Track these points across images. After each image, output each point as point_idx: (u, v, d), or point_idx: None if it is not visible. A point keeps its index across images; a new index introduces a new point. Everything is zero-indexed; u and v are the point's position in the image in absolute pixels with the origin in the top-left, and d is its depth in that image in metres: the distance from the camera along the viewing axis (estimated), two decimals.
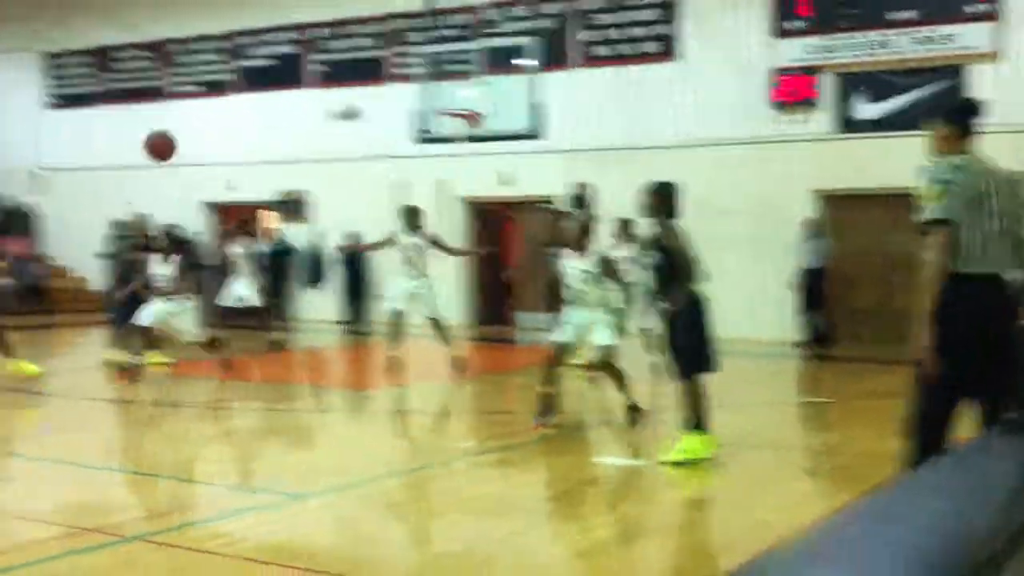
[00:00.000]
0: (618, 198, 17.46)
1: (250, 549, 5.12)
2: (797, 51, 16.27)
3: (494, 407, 10.67)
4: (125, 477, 7.10)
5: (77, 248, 20.68)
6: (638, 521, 5.78)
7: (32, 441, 8.59)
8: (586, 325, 8.29)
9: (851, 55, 15.92)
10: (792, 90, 16.27)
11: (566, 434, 8.58)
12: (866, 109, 15.90)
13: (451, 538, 5.38)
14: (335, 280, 20.02)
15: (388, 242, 12.23)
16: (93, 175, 22.43)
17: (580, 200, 11.71)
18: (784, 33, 16.36)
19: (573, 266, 8.40)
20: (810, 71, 16.18)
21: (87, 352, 14.03)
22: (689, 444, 6.89)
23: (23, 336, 13.47)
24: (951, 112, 4.65)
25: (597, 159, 17.53)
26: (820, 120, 16.16)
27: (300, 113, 20.61)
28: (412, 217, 12.03)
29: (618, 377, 8.37)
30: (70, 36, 23.07)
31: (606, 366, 8.44)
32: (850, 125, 15.91)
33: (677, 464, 6.82)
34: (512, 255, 19.87)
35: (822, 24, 16.09)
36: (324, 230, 20.22)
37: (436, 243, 12.15)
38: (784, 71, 16.31)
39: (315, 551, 5.16)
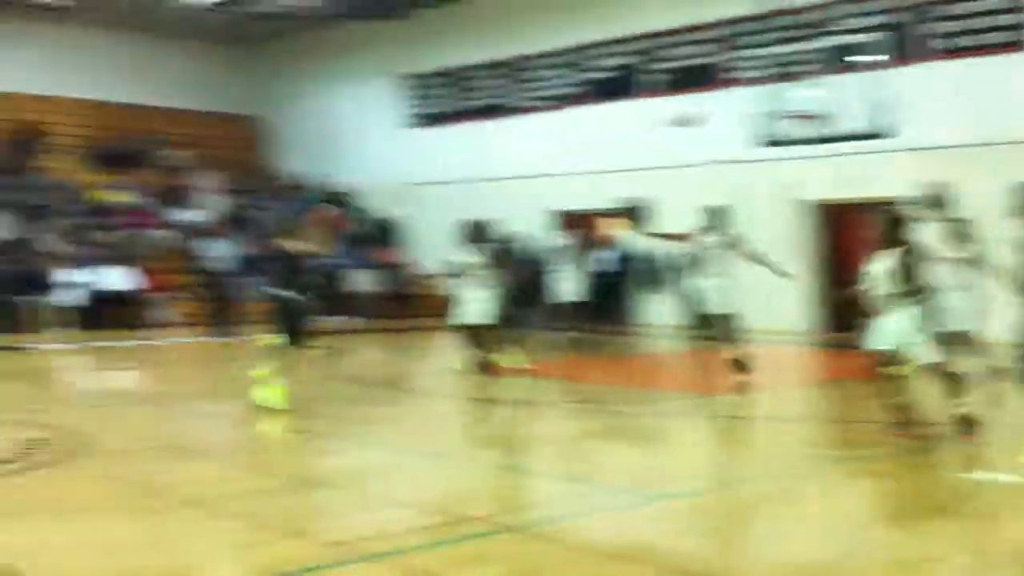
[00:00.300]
0: (974, 198, 16.56)
1: (610, 546, 5.35)
2: None
3: (847, 415, 10.43)
4: (492, 472, 7.62)
5: (437, 256, 22.08)
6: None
7: (400, 434, 9.40)
8: (901, 330, 7.93)
9: None
10: None
11: (931, 444, 8.23)
12: None
13: (815, 547, 5.34)
14: (676, 285, 20.23)
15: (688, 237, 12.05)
16: (450, 188, 23.93)
17: (937, 201, 11.11)
18: None
19: (877, 267, 8.08)
20: None
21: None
22: None
23: (391, 338, 14.70)
24: None
25: (950, 157, 16.62)
26: None
27: (641, 122, 21.00)
28: (716, 217, 11.87)
29: (951, 382, 7.94)
30: (430, 58, 24.79)
31: (937, 371, 8.04)
32: None
33: None
34: (859, 260, 19.19)
35: None
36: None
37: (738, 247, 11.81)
38: None
39: (674, 553, 5.30)
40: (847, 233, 19.47)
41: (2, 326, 18.55)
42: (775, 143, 15.90)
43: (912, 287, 7.98)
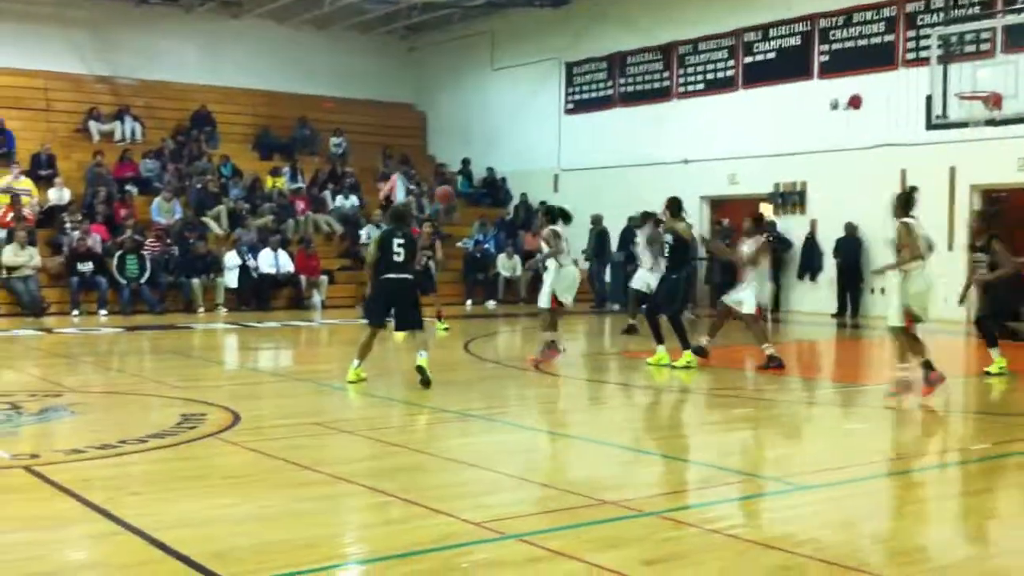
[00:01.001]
0: None
1: (756, 533, 5.26)
2: None
3: (1008, 408, 9.94)
4: (633, 455, 7.53)
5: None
6: None
7: (548, 416, 9.38)
8: None
9: None
10: None
11: None
12: None
13: (967, 544, 5.14)
14: (831, 272, 19.67)
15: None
16: (604, 173, 23.81)
17: None
18: None
19: None
20: None
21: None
22: None
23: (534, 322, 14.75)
24: None
25: None
26: None
27: (804, 105, 20.45)
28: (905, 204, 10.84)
29: None
30: (588, 44, 24.68)
31: None
32: None
33: None
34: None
35: None
36: (818, 221, 19.91)
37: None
38: None
39: (826, 543, 5.14)
40: (1017, 218, 18.54)
41: (172, 306, 19.44)
42: (944, 125, 15.18)
43: None
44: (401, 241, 10.06)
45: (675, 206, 11.91)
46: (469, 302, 22.08)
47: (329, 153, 26.68)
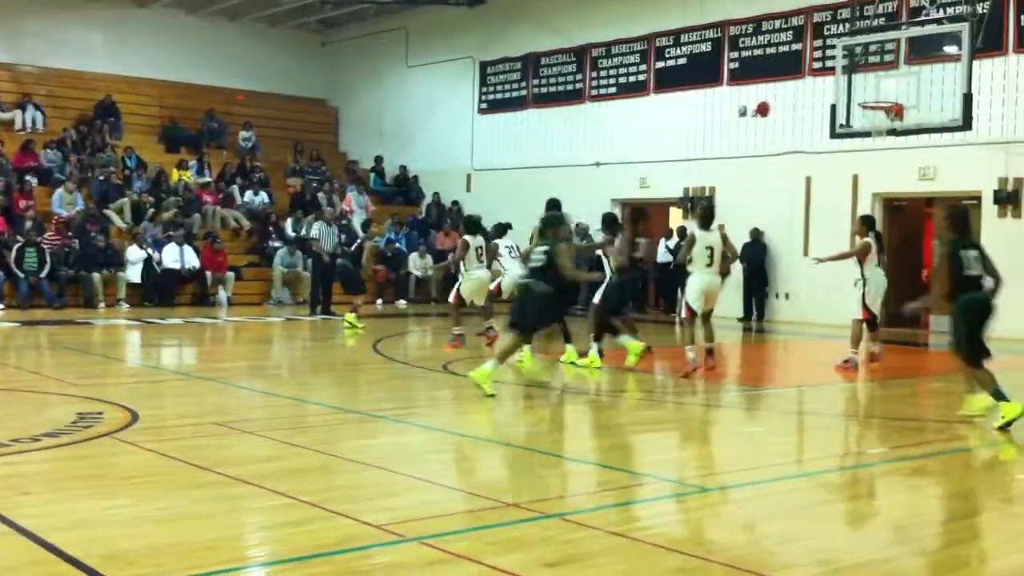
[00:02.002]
0: None
1: (658, 536, 5.28)
2: None
3: (902, 413, 10.20)
4: (540, 457, 7.54)
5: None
6: None
7: (456, 417, 9.36)
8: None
9: None
10: None
11: (986, 446, 8.12)
12: None
13: (867, 546, 5.23)
14: (737, 277, 19.97)
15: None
16: (517, 174, 23.86)
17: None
18: None
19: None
20: None
21: None
22: None
23: (445, 321, 14.77)
24: None
25: None
26: None
27: (714, 111, 20.74)
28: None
29: None
30: (503, 44, 24.69)
31: None
32: None
33: None
34: (929, 255, 18.83)
35: None
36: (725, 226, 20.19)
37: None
38: None
39: (724, 545, 5.22)
40: (916, 226, 19.11)
41: (71, 300, 18.93)
42: (847, 135, 15.53)
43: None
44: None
45: (609, 221, 12.60)
46: (380, 301, 21.93)
47: (238, 147, 26.25)
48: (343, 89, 29.00)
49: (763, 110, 19.93)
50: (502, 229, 14.61)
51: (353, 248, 19.22)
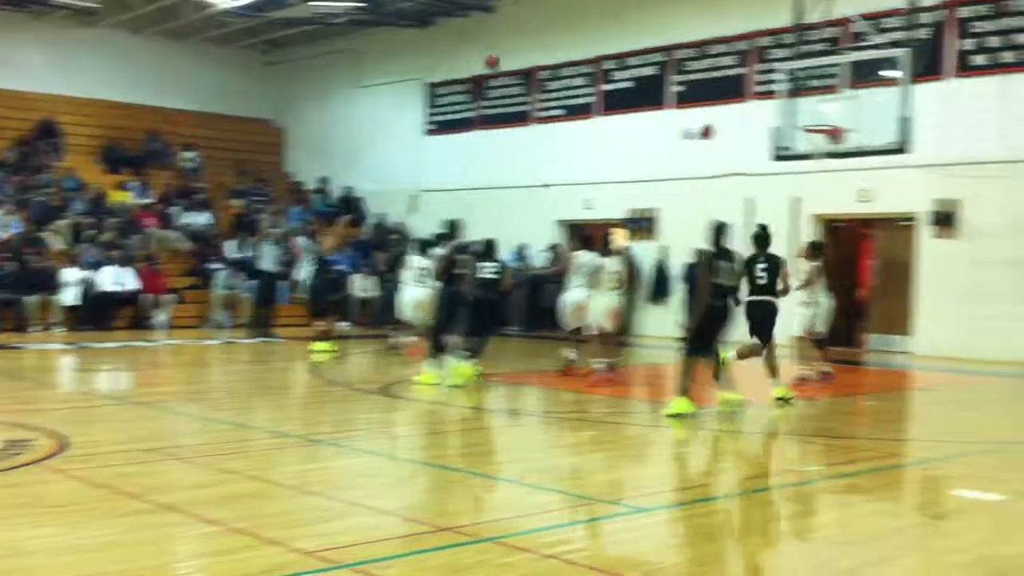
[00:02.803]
0: (993, 214, 16.41)
1: (594, 558, 5.26)
2: None
3: (839, 431, 10.30)
4: (477, 481, 7.48)
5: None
6: (1001, 559, 5.33)
7: (394, 441, 9.28)
8: None
9: None
10: None
11: (918, 464, 8.22)
12: None
13: (790, 565, 5.24)
14: (678, 297, 20.11)
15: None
16: (465, 195, 23.85)
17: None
18: None
19: None
20: None
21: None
22: None
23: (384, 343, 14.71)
24: None
25: (969, 173, 16.48)
26: None
27: (658, 133, 20.88)
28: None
29: None
30: (451, 66, 24.71)
31: None
32: None
33: None
34: (865, 275, 19.10)
35: None
36: (669, 247, 20.36)
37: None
38: None
39: (659, 566, 5.20)
40: (853, 247, 19.37)
41: (6, 324, 18.55)
42: (788, 157, 15.72)
43: None
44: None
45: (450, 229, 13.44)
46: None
47: (181, 168, 25.97)
48: (290, 109, 28.85)
49: (708, 133, 20.11)
50: (423, 246, 14.39)
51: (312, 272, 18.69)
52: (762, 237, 11.57)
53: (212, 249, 22.35)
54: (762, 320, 11.15)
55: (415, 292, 13.47)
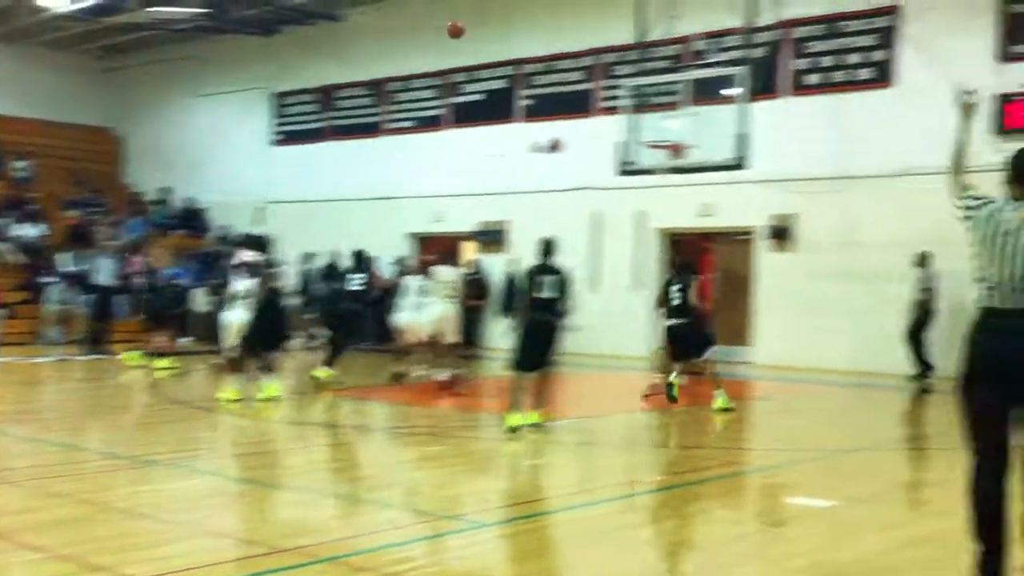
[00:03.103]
0: (826, 228, 17.08)
1: (437, 574, 5.19)
2: None
3: (682, 441, 10.52)
4: (316, 499, 7.33)
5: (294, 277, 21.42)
6: (832, 564, 5.50)
7: (233, 461, 9.02)
8: None
9: None
10: (1019, 116, 15.40)
11: (754, 472, 8.46)
12: None
13: (639, 573, 5.29)
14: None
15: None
16: (313, 207, 23.51)
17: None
18: (1012, 56, 15.52)
19: None
20: None
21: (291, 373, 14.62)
22: None
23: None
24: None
25: (804, 189, 17.11)
26: None
27: (508, 146, 20.99)
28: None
29: None
30: (297, 75, 24.31)
31: None
32: None
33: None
34: (708, 288, 19.61)
35: None
36: (520, 260, 20.48)
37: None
38: (1012, 96, 15.45)
39: None
40: (697, 261, 19.85)
41: None
42: (632, 172, 16.04)
43: None
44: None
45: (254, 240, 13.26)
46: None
47: (12, 177, 24.77)
48: (129, 117, 27.89)
49: (556, 147, 20.32)
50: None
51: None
52: (685, 264, 12.37)
53: (45, 262, 21.38)
54: (684, 339, 11.61)
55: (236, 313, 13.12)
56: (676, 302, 11.57)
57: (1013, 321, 4.65)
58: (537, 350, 9.95)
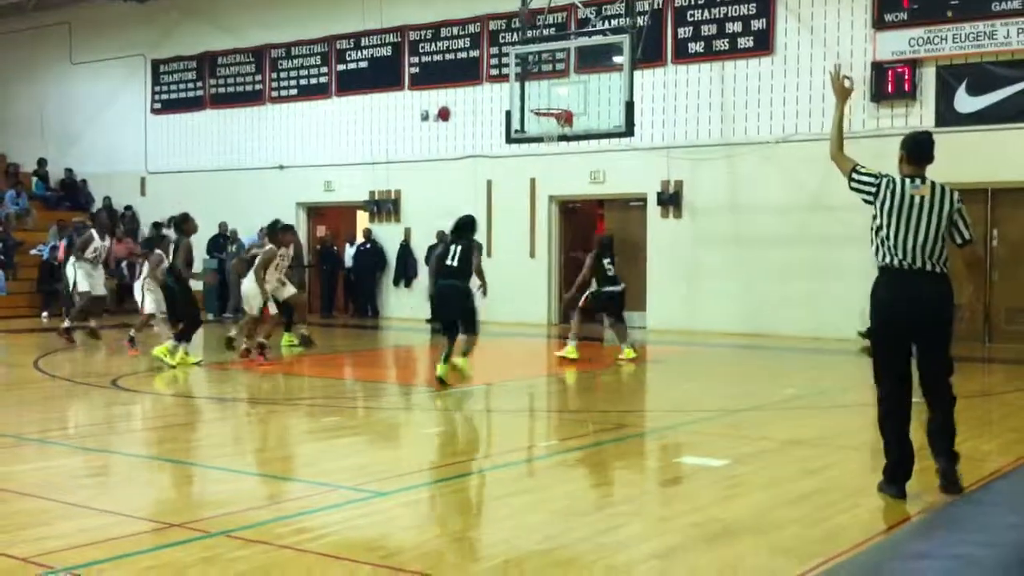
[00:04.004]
0: (713, 194, 17.42)
1: (330, 545, 5.17)
2: (899, 43, 15.86)
3: (574, 405, 10.66)
4: (211, 473, 7.23)
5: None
6: (721, 521, 5.66)
7: (122, 436, 8.83)
8: None
9: (954, 46, 15.47)
10: (893, 83, 15.88)
11: (648, 434, 8.63)
12: (967, 102, 15.45)
13: (532, 537, 5.35)
14: (424, 279, 20.23)
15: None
16: (197, 177, 22.99)
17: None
18: (885, 25, 15.97)
19: None
20: (912, 64, 15.78)
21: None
22: None
23: (119, 334, 14.00)
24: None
25: (689, 156, 17.40)
26: (920, 114, 15.75)
27: (397, 114, 20.85)
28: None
29: None
30: (176, 42, 23.68)
31: None
32: (950, 118, 15.45)
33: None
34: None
35: (924, 15, 15.67)
36: (411, 229, 20.42)
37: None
38: (885, 64, 15.93)
39: (396, 548, 5.18)
40: (589, 227, 20.09)
41: None
42: (522, 139, 16.07)
43: None
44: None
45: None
46: (45, 314, 20.39)
47: None
48: (2, 87, 26.79)
49: (444, 115, 20.25)
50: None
51: None
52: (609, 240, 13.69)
53: None
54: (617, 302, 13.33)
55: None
56: (611, 273, 13.15)
57: (915, 277, 5.84)
58: (443, 316, 10.86)
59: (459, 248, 10.69)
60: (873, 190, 5.96)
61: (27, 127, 26.10)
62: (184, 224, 12.76)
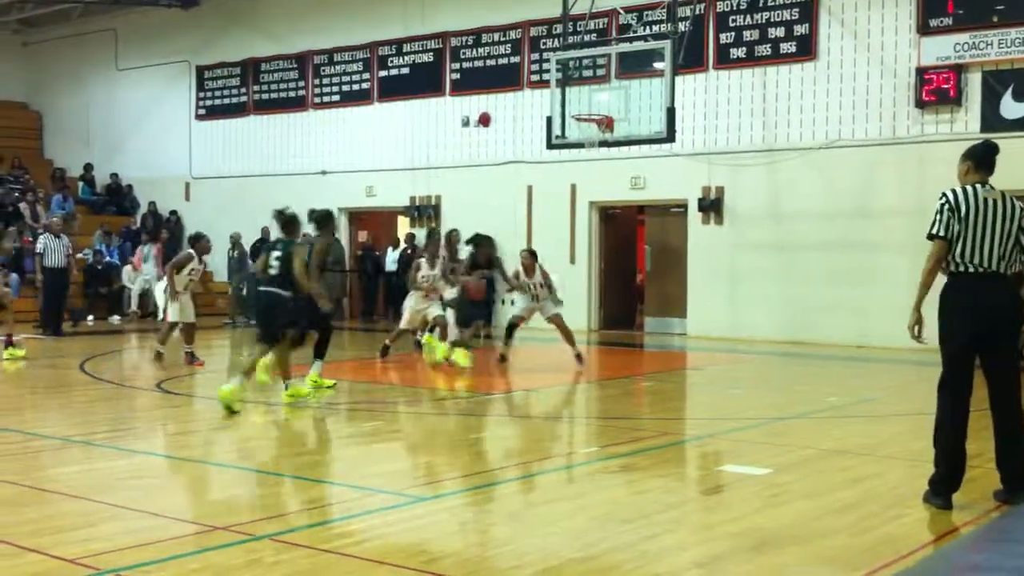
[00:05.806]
0: (754, 200, 17.32)
1: (372, 550, 5.19)
2: (944, 48, 15.70)
3: (617, 412, 10.62)
4: (254, 476, 7.28)
5: (221, 255, 21.13)
6: (764, 530, 5.62)
7: (167, 439, 8.92)
8: None
9: (1000, 52, 15.29)
10: (938, 89, 15.71)
11: (689, 441, 8.58)
12: (1013, 108, 15.27)
13: (574, 544, 5.34)
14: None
15: None
16: (240, 182, 23.20)
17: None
18: (930, 30, 15.81)
19: None
20: (957, 69, 15.61)
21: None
22: None
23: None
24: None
25: (730, 162, 17.31)
26: (965, 120, 15.58)
27: (438, 120, 20.91)
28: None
29: None
30: (220, 48, 23.91)
31: None
32: (996, 124, 15.25)
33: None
34: (642, 260, 19.80)
35: (970, 20, 15.49)
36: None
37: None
38: (930, 69, 15.77)
39: (438, 553, 5.19)
40: (629, 233, 20.08)
41: None
42: (563, 145, 16.06)
43: None
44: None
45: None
46: (91, 317, 20.67)
47: None
48: (47, 92, 27.22)
49: (485, 120, 20.27)
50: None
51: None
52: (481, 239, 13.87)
53: None
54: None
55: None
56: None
57: (991, 282, 5.88)
58: (264, 325, 10.03)
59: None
60: (950, 212, 5.93)
61: (73, 133, 26.48)
62: (328, 222, 11.15)
